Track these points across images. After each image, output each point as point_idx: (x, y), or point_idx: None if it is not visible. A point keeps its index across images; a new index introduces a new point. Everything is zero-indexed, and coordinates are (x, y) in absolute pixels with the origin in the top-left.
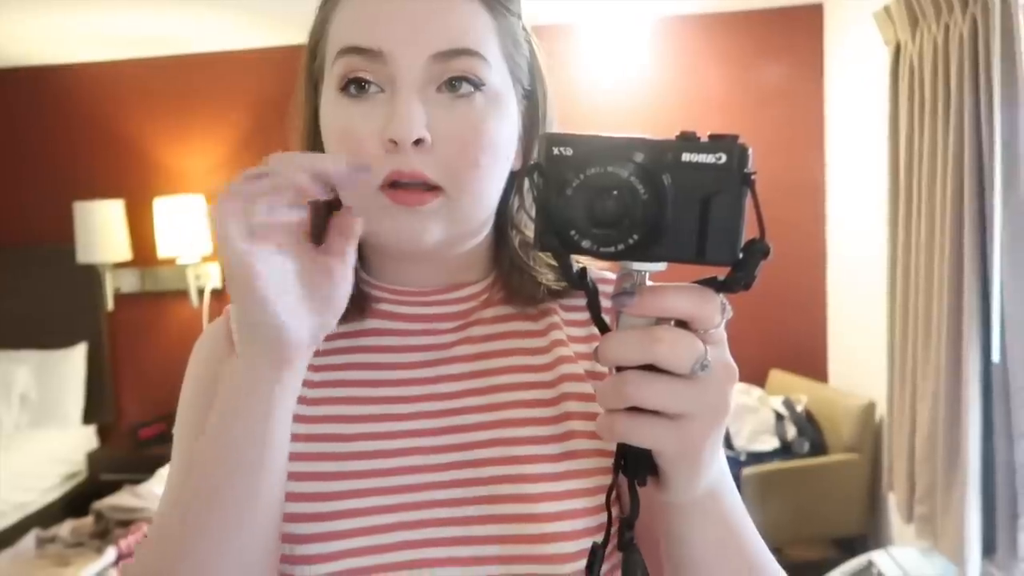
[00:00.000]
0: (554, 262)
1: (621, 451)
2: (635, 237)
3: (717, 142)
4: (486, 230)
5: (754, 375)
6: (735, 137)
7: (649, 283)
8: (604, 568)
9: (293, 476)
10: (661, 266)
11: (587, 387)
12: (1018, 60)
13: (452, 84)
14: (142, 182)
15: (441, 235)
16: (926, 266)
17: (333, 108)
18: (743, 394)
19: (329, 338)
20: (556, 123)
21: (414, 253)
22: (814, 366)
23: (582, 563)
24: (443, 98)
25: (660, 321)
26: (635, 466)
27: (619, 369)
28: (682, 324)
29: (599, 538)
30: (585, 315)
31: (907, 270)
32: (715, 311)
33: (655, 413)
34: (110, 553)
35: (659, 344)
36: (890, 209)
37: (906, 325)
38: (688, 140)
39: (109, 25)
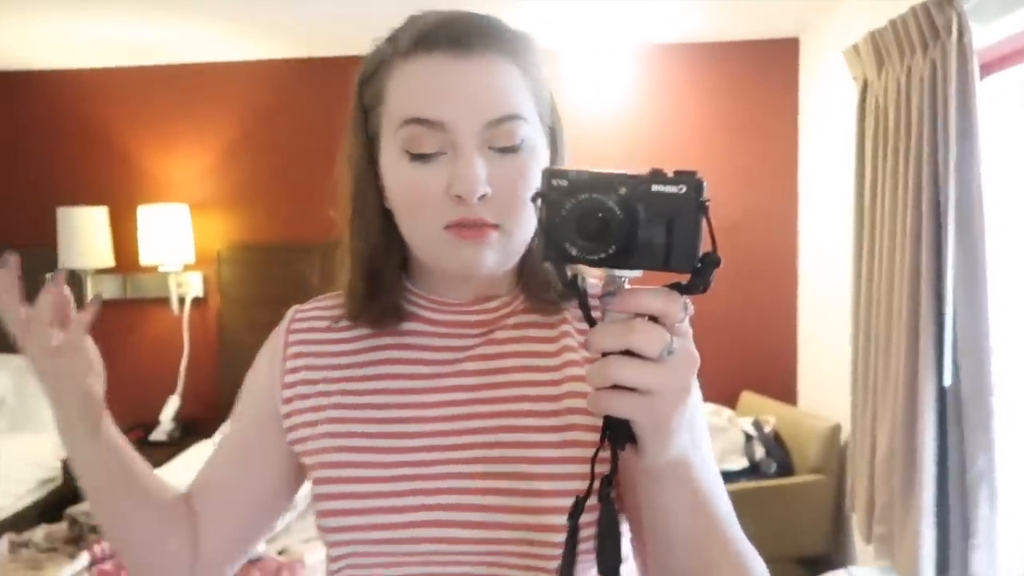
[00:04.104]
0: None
1: (605, 422)
2: (613, 248)
3: (680, 176)
4: (523, 251)
5: (725, 396)
6: (694, 173)
7: (628, 286)
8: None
9: (334, 452)
10: (637, 273)
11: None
12: (972, 100)
13: (509, 148)
14: (126, 189)
15: (495, 262)
16: (887, 293)
17: (400, 168)
18: (713, 415)
19: (375, 336)
20: (568, 142)
21: (471, 277)
22: (784, 388)
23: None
24: (494, 155)
25: (636, 316)
26: (616, 434)
27: (604, 355)
28: (653, 319)
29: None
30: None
31: (869, 297)
32: (679, 309)
33: (632, 390)
34: (83, 558)
35: (634, 334)
36: (855, 238)
37: (868, 350)
38: (657, 174)
39: (97, 33)
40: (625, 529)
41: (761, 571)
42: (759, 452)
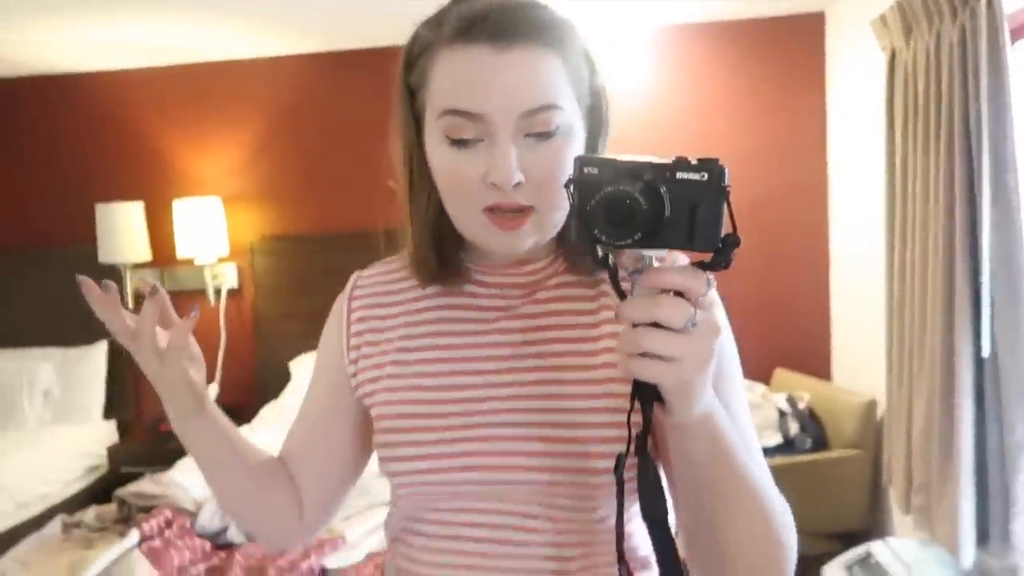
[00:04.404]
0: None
1: (636, 385)
2: (639, 235)
3: (703, 163)
4: (560, 225)
5: (759, 373)
6: (716, 160)
7: (655, 264)
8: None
9: (395, 404)
10: (663, 252)
11: None
12: (1004, 65)
13: (543, 133)
14: (161, 185)
15: (531, 243)
16: (920, 265)
17: (441, 153)
18: (747, 391)
19: (429, 297)
20: (611, 117)
21: (505, 256)
22: (818, 365)
23: (609, 465)
24: (530, 141)
25: (663, 291)
26: (645, 395)
27: (633, 325)
28: (679, 294)
29: (622, 448)
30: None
31: (903, 269)
32: (702, 284)
33: (658, 357)
34: (133, 535)
35: (660, 308)
36: (887, 210)
37: (903, 323)
38: (681, 161)
39: (127, 35)
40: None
41: (784, 521)
42: (793, 428)
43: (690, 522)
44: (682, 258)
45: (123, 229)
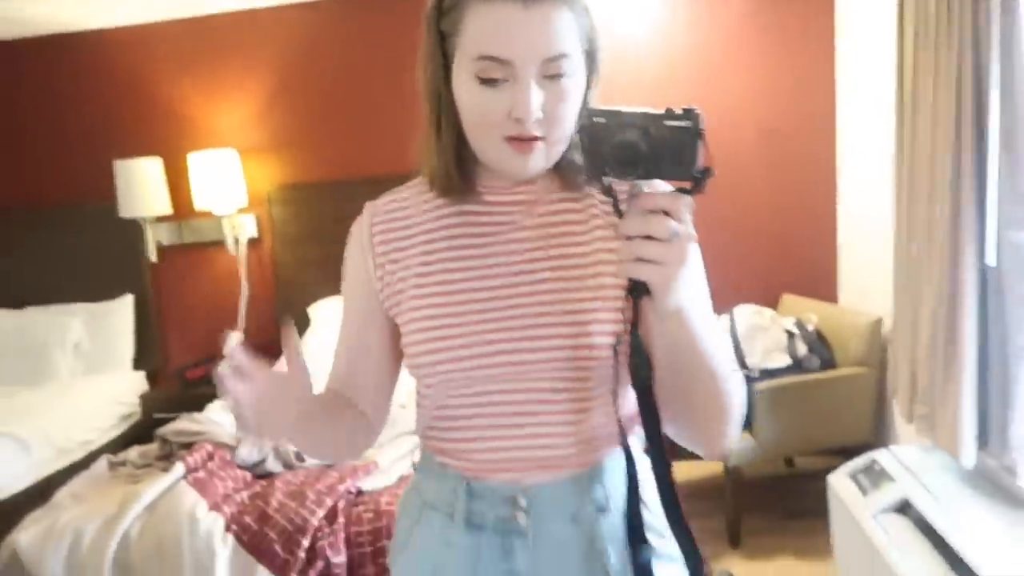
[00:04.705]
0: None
1: (630, 282)
2: (640, 172)
3: (685, 113)
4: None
5: (767, 299)
6: (695, 109)
7: (647, 190)
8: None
9: (419, 309)
10: (654, 182)
11: (612, 244)
12: None
13: (556, 76)
14: (178, 139)
15: (540, 166)
16: (928, 179)
17: (472, 89)
18: (756, 315)
19: (442, 217)
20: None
21: (519, 176)
22: (824, 289)
23: (608, 343)
24: (545, 83)
25: (653, 211)
26: (637, 290)
27: (629, 238)
28: (665, 213)
29: (617, 332)
30: (607, 206)
31: (912, 187)
32: (682, 206)
33: (649, 261)
34: (178, 468)
35: (651, 224)
36: (896, 126)
37: (910, 239)
38: (669, 112)
39: None
40: None
41: (730, 388)
42: (802, 349)
43: (665, 388)
44: (665, 185)
45: (142, 184)
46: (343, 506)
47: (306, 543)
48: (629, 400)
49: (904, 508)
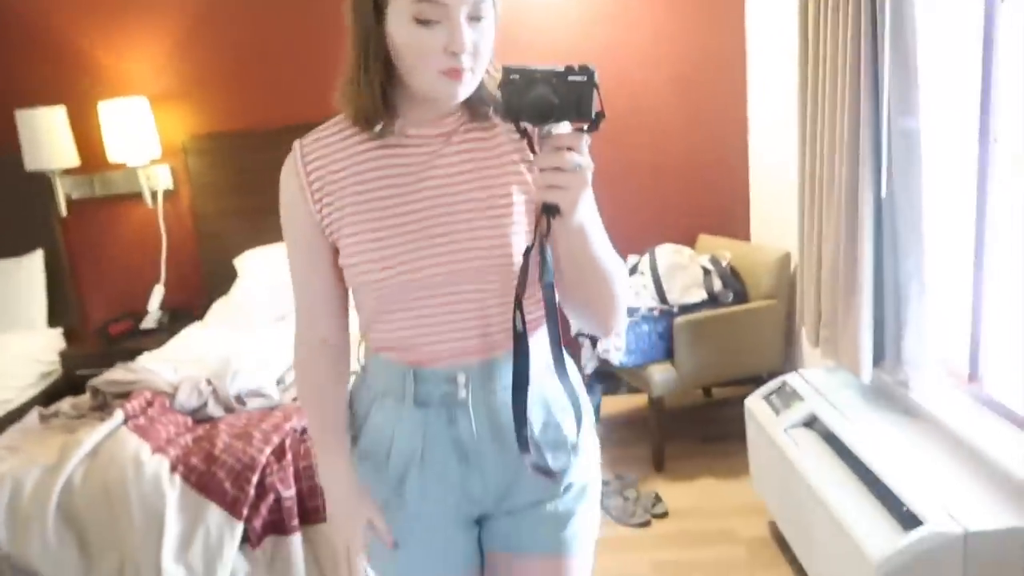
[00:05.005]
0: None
1: (544, 204)
2: (551, 120)
3: (582, 69)
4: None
5: (685, 238)
6: (590, 65)
7: (555, 132)
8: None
9: (356, 235)
10: (560, 125)
11: (521, 170)
12: None
13: (478, 17)
14: (82, 86)
15: (468, 92)
16: (830, 120)
17: (410, 30)
18: (675, 254)
19: (368, 151)
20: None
21: (449, 103)
22: (738, 227)
23: (521, 250)
24: (472, 22)
25: (560, 148)
26: (549, 210)
27: (542, 169)
28: (569, 148)
29: (528, 243)
30: (517, 140)
31: (815, 125)
32: (582, 144)
33: (558, 187)
34: (118, 415)
35: (559, 158)
36: (799, 70)
37: (814, 175)
38: (570, 68)
39: None
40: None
41: (620, 283)
42: (717, 284)
43: (569, 286)
44: (568, 127)
45: (47, 135)
46: (290, 443)
47: (255, 479)
48: (536, 296)
49: (811, 422)
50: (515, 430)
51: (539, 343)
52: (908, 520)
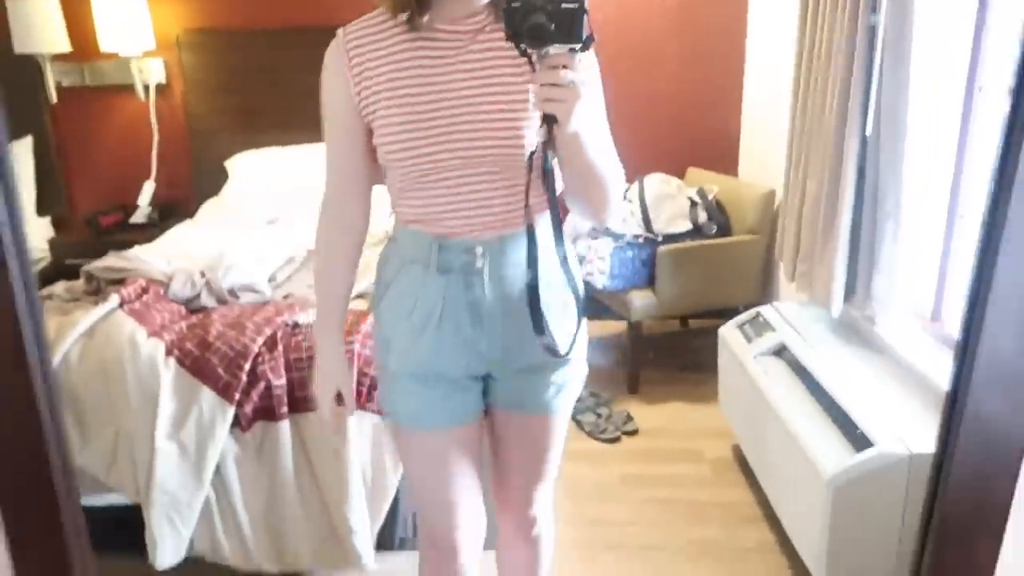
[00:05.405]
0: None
1: (544, 115)
2: (547, 43)
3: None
4: None
5: (675, 170)
6: None
7: (552, 52)
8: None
9: (393, 116)
10: (556, 47)
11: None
12: None
13: None
14: None
15: None
16: (825, 59)
17: None
18: (664, 183)
19: (404, 42)
20: None
21: (467, 9)
22: (727, 163)
23: (532, 147)
24: None
25: (554, 66)
26: (548, 120)
27: (540, 85)
28: (564, 66)
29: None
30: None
31: (810, 65)
32: (576, 61)
33: (554, 100)
34: (113, 299)
35: (555, 73)
36: (800, 10)
37: (804, 116)
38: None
39: None
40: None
41: (613, 181)
42: (702, 216)
43: (567, 180)
44: (563, 48)
45: (37, 16)
46: (281, 335)
47: (247, 367)
48: (541, 190)
49: (780, 351)
50: (531, 317)
51: (543, 226)
52: (860, 441)
